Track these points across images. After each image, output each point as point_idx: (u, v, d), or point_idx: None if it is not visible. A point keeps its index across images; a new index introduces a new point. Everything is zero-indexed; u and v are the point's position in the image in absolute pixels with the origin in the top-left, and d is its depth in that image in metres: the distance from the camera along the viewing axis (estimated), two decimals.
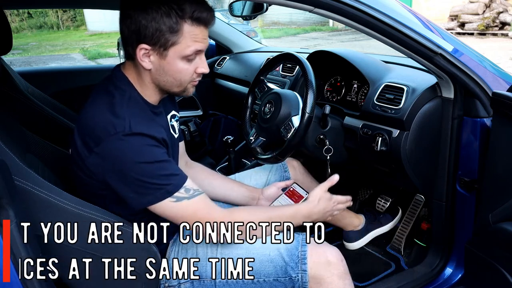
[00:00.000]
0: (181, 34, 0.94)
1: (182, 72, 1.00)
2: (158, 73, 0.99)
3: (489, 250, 1.24)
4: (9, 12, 15.11)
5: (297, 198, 1.31)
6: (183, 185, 0.97)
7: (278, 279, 1.09)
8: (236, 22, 7.87)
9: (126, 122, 0.92)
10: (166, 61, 0.97)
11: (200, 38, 0.97)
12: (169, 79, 1.01)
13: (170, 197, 0.95)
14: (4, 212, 0.71)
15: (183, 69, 0.99)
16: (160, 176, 0.95)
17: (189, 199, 0.97)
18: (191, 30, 0.95)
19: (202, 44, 0.98)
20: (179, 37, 0.94)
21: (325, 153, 1.55)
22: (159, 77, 1.00)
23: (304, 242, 1.10)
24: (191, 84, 1.04)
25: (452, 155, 1.33)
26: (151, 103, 1.05)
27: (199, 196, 0.99)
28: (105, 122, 0.93)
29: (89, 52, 12.43)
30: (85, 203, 0.92)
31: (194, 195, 0.98)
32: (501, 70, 1.32)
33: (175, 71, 0.99)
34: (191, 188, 0.99)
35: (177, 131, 1.23)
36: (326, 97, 1.86)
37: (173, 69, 0.99)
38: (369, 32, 1.10)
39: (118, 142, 0.91)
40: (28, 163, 0.95)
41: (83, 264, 0.93)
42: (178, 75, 1.00)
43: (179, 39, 0.94)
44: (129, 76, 1.03)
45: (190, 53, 0.97)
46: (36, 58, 12.19)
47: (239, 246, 1.10)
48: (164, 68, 0.98)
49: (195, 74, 1.02)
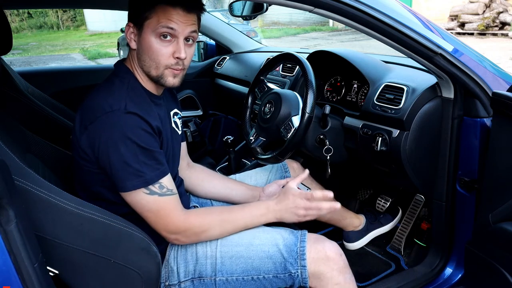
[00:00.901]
0: (155, 11, 0.98)
1: (156, 50, 1.01)
2: (139, 52, 1.04)
3: (489, 250, 1.24)
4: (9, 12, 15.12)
5: None
6: (160, 180, 0.99)
7: (277, 276, 1.09)
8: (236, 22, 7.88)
9: (122, 102, 0.96)
10: (142, 38, 1.02)
11: (175, 18, 0.99)
12: (146, 59, 1.03)
13: (144, 188, 0.97)
14: (4, 212, 0.71)
15: (157, 48, 1.01)
16: (142, 163, 0.96)
17: (159, 196, 0.99)
18: (165, 9, 0.98)
19: (176, 25, 0.99)
20: (153, 13, 0.99)
21: (325, 153, 1.55)
22: (140, 56, 1.04)
23: (303, 238, 1.10)
24: (169, 70, 1.04)
25: (452, 155, 1.33)
26: (151, 92, 1.08)
27: (169, 197, 1.01)
28: (102, 102, 0.97)
29: (89, 52, 12.44)
30: (85, 203, 0.92)
31: (165, 193, 1.00)
32: (501, 70, 1.32)
33: (151, 49, 1.01)
34: (165, 186, 1.00)
35: (180, 128, 1.24)
36: (326, 97, 1.86)
37: (148, 45, 1.01)
38: (369, 32, 1.10)
39: (113, 118, 0.94)
40: (28, 163, 0.95)
41: (83, 264, 0.94)
42: (153, 54, 1.01)
43: (151, 14, 0.99)
44: (129, 66, 1.07)
45: (162, 29, 0.99)
46: (36, 58, 12.19)
47: (238, 244, 1.11)
48: (142, 46, 1.02)
49: (172, 58, 1.02)
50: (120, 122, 0.95)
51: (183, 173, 1.33)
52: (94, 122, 0.95)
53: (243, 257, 1.09)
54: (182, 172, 1.32)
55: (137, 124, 0.96)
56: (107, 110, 0.95)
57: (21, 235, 0.73)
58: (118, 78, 1.05)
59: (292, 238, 1.11)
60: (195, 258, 1.11)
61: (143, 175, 0.97)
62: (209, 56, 2.82)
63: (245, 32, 2.88)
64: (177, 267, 1.11)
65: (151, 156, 0.98)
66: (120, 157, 0.95)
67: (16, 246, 0.72)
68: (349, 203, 2.00)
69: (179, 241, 1.07)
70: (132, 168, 0.96)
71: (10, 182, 0.76)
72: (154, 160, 0.99)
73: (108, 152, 0.95)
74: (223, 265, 1.09)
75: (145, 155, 0.97)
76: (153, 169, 0.98)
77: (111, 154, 0.95)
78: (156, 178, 0.99)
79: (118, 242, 0.97)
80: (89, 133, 0.96)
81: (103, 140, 0.95)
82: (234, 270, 1.09)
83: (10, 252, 0.72)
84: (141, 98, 1.03)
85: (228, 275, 1.09)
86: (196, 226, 1.05)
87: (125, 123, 0.95)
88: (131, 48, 1.05)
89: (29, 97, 1.54)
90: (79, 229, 0.91)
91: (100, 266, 0.95)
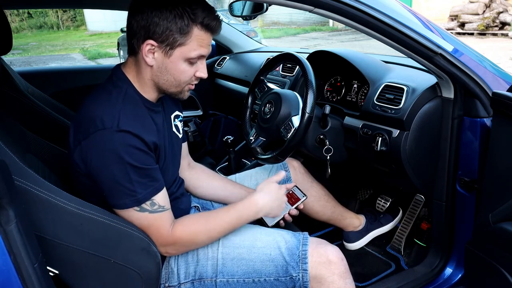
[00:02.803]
0: (190, 37, 0.97)
1: (183, 73, 1.02)
2: (160, 70, 1.01)
3: (489, 250, 1.24)
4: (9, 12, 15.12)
5: (294, 200, 1.31)
6: (152, 197, 0.99)
7: (279, 279, 1.09)
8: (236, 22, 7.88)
9: (115, 118, 0.94)
10: (170, 60, 0.99)
11: (205, 43, 1.00)
12: (170, 78, 1.02)
13: (136, 206, 0.97)
14: (4, 212, 0.71)
15: (185, 71, 1.02)
16: (135, 182, 0.95)
17: (149, 213, 0.99)
18: (200, 35, 0.98)
19: (206, 50, 1.01)
20: (187, 39, 0.97)
21: (325, 153, 1.55)
22: (160, 74, 1.01)
23: (305, 241, 1.10)
24: (188, 86, 1.06)
25: (452, 155, 1.33)
26: (149, 100, 1.06)
27: (159, 213, 1.00)
28: (95, 117, 0.94)
29: (89, 52, 12.44)
30: (85, 203, 0.92)
31: (156, 210, 1.00)
32: (501, 70, 1.32)
33: (177, 71, 1.01)
34: (157, 203, 1.00)
35: (181, 131, 1.24)
36: (326, 97, 1.86)
37: (175, 69, 1.00)
38: (369, 32, 1.10)
39: (105, 137, 0.93)
40: (28, 163, 0.95)
41: (83, 264, 0.94)
42: (179, 76, 1.02)
43: (187, 41, 0.97)
44: (128, 74, 1.04)
45: (194, 56, 1.00)
46: (36, 58, 12.19)
47: (240, 246, 1.11)
48: (167, 67, 1.00)
49: (193, 77, 1.04)
50: (111, 141, 0.92)
51: (184, 173, 1.33)
52: (86, 138, 0.94)
53: (245, 259, 1.09)
54: (183, 172, 1.32)
55: (129, 143, 0.93)
56: (99, 128, 0.92)
57: (21, 235, 0.73)
58: (114, 87, 1.01)
59: (294, 241, 1.11)
60: (196, 260, 1.10)
61: (135, 195, 0.96)
62: (209, 56, 2.81)
63: (245, 32, 2.88)
64: (177, 268, 1.11)
65: (144, 174, 0.97)
66: (112, 177, 0.94)
67: (16, 246, 0.72)
68: (349, 203, 2.00)
69: (169, 254, 1.08)
70: (123, 187, 0.94)
71: (10, 182, 0.76)
72: (147, 178, 0.97)
73: (100, 170, 0.94)
74: (224, 267, 1.09)
75: (138, 174, 0.95)
76: (146, 187, 0.97)
77: (103, 172, 0.94)
78: (149, 196, 0.98)
79: (118, 242, 0.97)
80: (82, 148, 0.95)
81: (95, 157, 0.94)
82: (235, 272, 1.09)
83: (10, 252, 0.72)
84: (137, 109, 1.01)
85: (229, 276, 1.09)
86: (184, 239, 1.05)
87: (117, 142, 0.92)
88: (148, 64, 0.99)
89: (29, 97, 1.54)
90: (79, 229, 0.91)
91: (100, 266, 0.95)
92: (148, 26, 0.95)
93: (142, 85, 1.04)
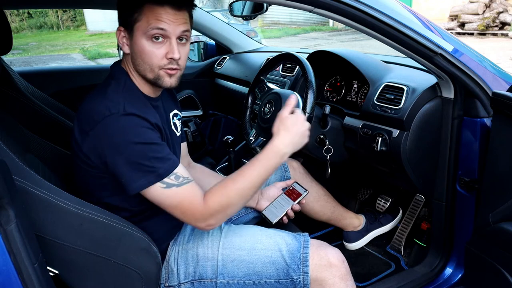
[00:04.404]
0: (143, 13, 0.96)
1: (148, 53, 0.98)
2: (133, 56, 1.02)
3: (489, 250, 1.24)
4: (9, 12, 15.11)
5: (296, 196, 1.32)
6: (174, 171, 0.97)
7: (279, 281, 1.08)
8: (236, 22, 7.88)
9: (121, 104, 0.95)
10: (134, 41, 1.00)
11: (164, 18, 0.96)
12: (140, 62, 1.01)
13: (160, 182, 0.95)
14: (4, 212, 0.71)
15: (149, 51, 0.98)
16: (152, 158, 0.94)
17: (177, 187, 0.96)
18: (153, 9, 0.96)
19: (166, 24, 0.96)
20: (141, 15, 0.96)
21: (325, 153, 1.55)
22: (134, 60, 1.02)
23: (306, 244, 1.10)
24: (163, 71, 1.01)
25: (452, 155, 1.33)
26: (148, 96, 1.06)
27: (187, 184, 0.98)
28: (100, 106, 0.95)
29: (89, 52, 12.43)
30: (85, 203, 0.92)
31: (183, 183, 0.97)
32: (501, 70, 1.32)
33: (142, 51, 0.99)
34: (181, 176, 0.98)
35: (179, 129, 1.23)
36: (326, 97, 1.85)
37: (140, 49, 0.99)
38: (369, 32, 1.10)
39: (113, 122, 0.93)
40: (28, 163, 0.95)
41: (83, 264, 0.94)
42: (146, 57, 0.99)
43: (139, 16, 0.97)
44: (124, 68, 1.06)
45: (152, 31, 0.96)
46: (36, 58, 12.18)
47: (241, 248, 1.10)
48: (134, 49, 1.00)
49: (165, 59, 0.99)
50: (121, 125, 0.93)
51: None
52: (94, 127, 0.94)
53: (245, 261, 1.09)
54: None
55: (137, 124, 0.95)
56: (106, 114, 0.93)
57: (21, 235, 0.73)
58: (114, 79, 1.03)
59: (295, 244, 1.11)
60: (195, 260, 1.10)
61: (156, 170, 0.94)
62: (209, 56, 2.82)
63: (245, 32, 2.88)
64: (177, 268, 1.11)
65: (159, 149, 0.96)
66: (128, 158, 0.93)
67: (16, 246, 0.72)
68: (349, 203, 2.00)
69: (211, 226, 1.01)
70: (142, 166, 0.93)
71: (10, 182, 0.76)
72: (162, 153, 0.97)
73: (114, 156, 0.94)
74: (224, 268, 1.09)
75: (153, 150, 0.95)
76: (164, 161, 0.96)
77: (118, 157, 0.93)
78: (170, 169, 0.96)
79: (118, 242, 0.97)
80: (91, 139, 0.95)
81: (107, 145, 0.94)
82: (236, 274, 1.09)
83: (10, 252, 0.72)
84: (137, 98, 1.02)
85: (229, 278, 1.09)
86: (219, 206, 0.99)
87: (126, 125, 0.93)
88: (124, 52, 1.04)
89: (29, 97, 1.54)
90: (79, 229, 0.91)
91: (100, 266, 0.95)
92: (119, 15, 1.02)
93: (135, 78, 1.05)
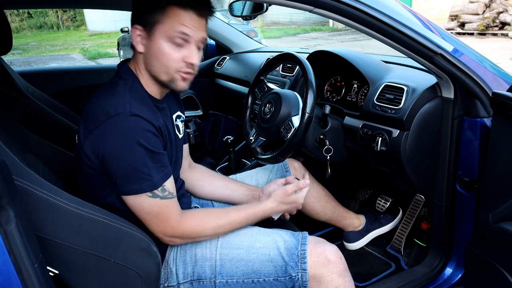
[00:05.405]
0: (167, 14, 0.96)
1: (167, 55, 0.98)
2: (148, 56, 1.01)
3: (489, 250, 1.24)
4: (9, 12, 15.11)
5: None
6: (164, 183, 0.99)
7: (278, 279, 1.09)
8: (236, 22, 7.88)
9: (127, 104, 0.95)
10: (152, 42, 0.99)
11: (188, 23, 0.97)
12: (156, 64, 1.01)
13: (149, 191, 0.97)
14: (4, 212, 0.71)
15: (168, 53, 0.98)
16: (150, 166, 0.96)
17: (160, 199, 0.99)
18: (178, 12, 0.96)
19: (189, 29, 0.97)
20: (165, 17, 0.96)
21: (325, 153, 1.55)
22: (148, 60, 1.01)
23: (304, 241, 1.10)
24: (179, 74, 1.01)
25: (452, 155, 1.33)
26: (154, 97, 1.06)
27: (169, 200, 1.01)
28: (106, 106, 0.95)
29: (89, 52, 12.44)
30: (85, 203, 0.92)
31: (167, 197, 1.00)
32: (501, 70, 1.32)
33: (161, 53, 0.98)
34: (167, 190, 1.00)
35: (182, 131, 1.23)
36: (326, 97, 1.85)
37: (159, 50, 0.98)
38: (369, 32, 1.10)
39: (118, 122, 0.93)
40: (28, 163, 0.95)
41: (83, 264, 0.94)
42: (164, 59, 0.99)
43: (164, 18, 0.96)
44: (132, 67, 1.05)
45: (175, 34, 0.97)
46: (36, 58, 12.19)
47: (239, 246, 1.11)
48: (151, 50, 0.99)
49: (182, 63, 1.00)
50: (126, 125, 0.93)
51: (184, 174, 1.33)
52: (99, 126, 0.94)
53: (244, 260, 1.09)
54: (184, 173, 1.32)
55: (143, 127, 0.95)
56: (112, 114, 0.93)
57: (21, 235, 0.73)
58: (121, 79, 1.03)
59: (293, 241, 1.11)
60: (193, 260, 1.10)
61: (151, 179, 0.96)
62: (209, 56, 2.82)
63: (245, 32, 2.88)
64: (176, 268, 1.11)
65: (157, 158, 0.98)
66: (128, 162, 0.94)
67: (16, 246, 0.72)
68: (349, 203, 2.00)
69: (173, 243, 1.08)
70: (140, 172, 0.95)
71: (10, 182, 0.76)
72: (159, 163, 0.98)
73: (115, 157, 0.94)
74: (223, 268, 1.09)
75: (152, 158, 0.96)
76: (159, 172, 0.98)
77: (119, 158, 0.94)
78: (161, 181, 0.99)
79: (118, 242, 0.97)
80: (94, 137, 0.95)
81: (109, 144, 0.94)
82: (234, 273, 1.09)
83: (10, 252, 0.72)
84: (144, 100, 1.02)
85: (228, 277, 1.09)
86: (192, 230, 1.06)
87: (132, 127, 0.94)
88: (137, 51, 1.02)
89: (29, 97, 1.54)
90: (79, 229, 0.91)
91: (100, 266, 0.95)
92: (134, 14, 1.01)
93: (144, 79, 1.05)
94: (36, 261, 0.76)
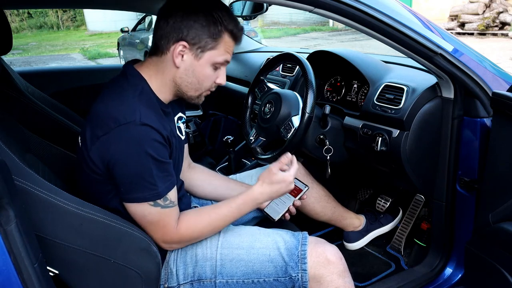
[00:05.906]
0: (220, 42, 1.03)
1: (207, 77, 1.06)
2: (186, 72, 1.03)
3: (489, 250, 1.24)
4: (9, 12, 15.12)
5: (296, 192, 1.31)
6: (167, 193, 1.00)
7: (278, 279, 1.09)
8: None
9: (137, 113, 0.95)
10: (198, 63, 1.03)
11: (230, 50, 1.07)
12: (193, 81, 1.05)
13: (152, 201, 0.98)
14: (4, 212, 0.71)
15: (209, 75, 1.06)
16: (156, 176, 0.96)
17: (161, 208, 1.00)
18: (228, 42, 1.04)
19: (230, 56, 1.07)
20: (218, 44, 1.03)
21: (325, 153, 1.55)
22: (185, 76, 1.04)
23: (304, 241, 1.10)
24: (206, 92, 1.10)
25: (452, 155, 1.33)
26: (162, 101, 1.07)
27: (169, 209, 1.01)
28: (115, 113, 0.95)
29: (89, 52, 12.44)
30: (85, 203, 0.92)
31: (167, 206, 1.01)
32: (501, 70, 1.32)
33: (202, 74, 1.05)
34: (169, 199, 1.01)
35: (183, 133, 1.24)
36: (326, 97, 1.86)
37: (202, 72, 1.04)
38: (369, 32, 1.10)
39: (128, 131, 0.93)
40: (28, 163, 0.95)
41: (83, 264, 0.94)
42: (203, 79, 1.06)
43: (217, 45, 1.03)
44: (144, 72, 1.05)
45: (221, 60, 1.05)
46: (36, 58, 12.19)
47: (239, 247, 1.11)
48: (195, 70, 1.03)
49: (213, 83, 1.09)
50: (136, 135, 0.93)
51: (184, 174, 1.33)
52: (108, 133, 0.94)
53: (244, 260, 1.09)
54: (183, 173, 1.32)
55: (152, 137, 0.95)
56: (122, 122, 0.93)
57: (21, 235, 0.73)
58: (129, 83, 1.02)
59: (293, 241, 1.11)
60: (194, 261, 1.10)
61: (156, 188, 0.97)
62: None
63: (245, 32, 2.87)
64: (176, 269, 1.11)
65: (163, 168, 0.98)
66: (135, 170, 0.94)
67: (16, 246, 0.72)
68: (349, 203, 2.00)
69: (173, 248, 1.10)
70: (145, 181, 0.95)
71: (10, 182, 0.76)
72: (165, 172, 0.99)
73: (122, 164, 0.94)
74: (223, 268, 1.09)
75: (159, 168, 0.97)
76: (165, 181, 0.99)
77: (126, 166, 0.94)
78: (166, 190, 0.99)
79: (118, 242, 0.97)
80: (101, 143, 0.95)
81: (118, 152, 0.94)
82: (235, 273, 1.09)
83: (10, 252, 0.72)
84: (152, 106, 1.02)
85: (228, 277, 1.09)
86: (189, 236, 1.07)
87: (141, 136, 0.94)
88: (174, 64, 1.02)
89: (29, 97, 1.54)
90: (79, 229, 0.91)
91: (100, 266, 0.95)
92: (182, 28, 0.99)
93: (159, 85, 1.05)
94: (36, 261, 0.76)
